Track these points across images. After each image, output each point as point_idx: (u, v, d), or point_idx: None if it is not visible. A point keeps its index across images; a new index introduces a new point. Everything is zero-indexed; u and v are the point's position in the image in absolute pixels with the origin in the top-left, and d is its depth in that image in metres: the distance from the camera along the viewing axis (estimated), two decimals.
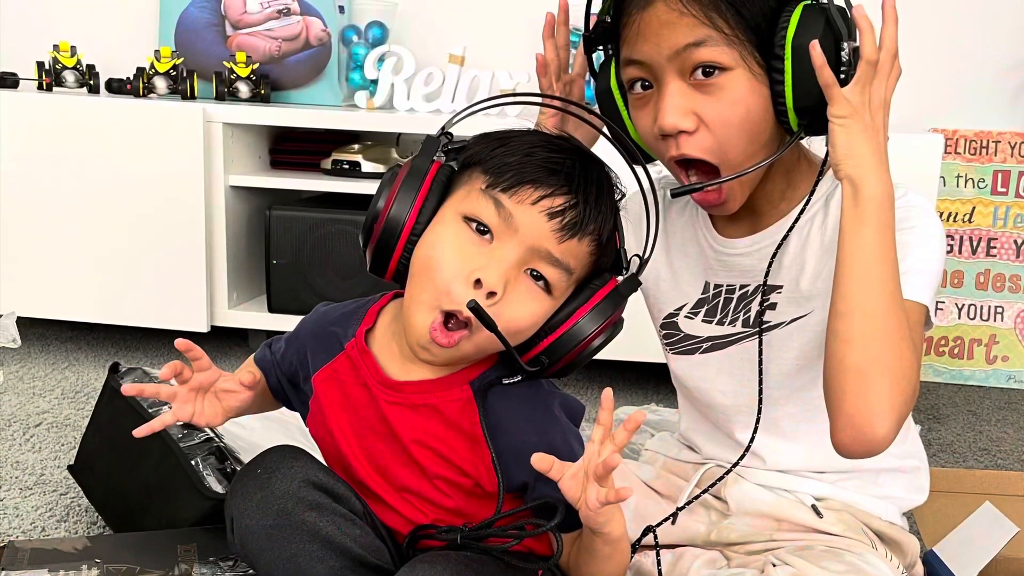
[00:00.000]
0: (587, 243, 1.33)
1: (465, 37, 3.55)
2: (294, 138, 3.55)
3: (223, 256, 3.25)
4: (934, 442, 2.85)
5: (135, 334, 3.54)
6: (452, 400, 1.39)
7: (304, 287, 3.22)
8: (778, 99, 1.40)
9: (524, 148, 1.33)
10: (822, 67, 1.33)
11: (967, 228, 3.44)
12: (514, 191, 1.29)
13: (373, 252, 1.37)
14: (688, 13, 1.37)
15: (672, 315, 1.70)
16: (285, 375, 1.55)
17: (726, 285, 1.62)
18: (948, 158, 3.42)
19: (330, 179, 3.32)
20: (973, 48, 3.47)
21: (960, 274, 3.46)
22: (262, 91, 3.47)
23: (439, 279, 1.30)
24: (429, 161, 1.37)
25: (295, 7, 3.65)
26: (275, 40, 3.65)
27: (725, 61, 1.38)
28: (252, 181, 3.30)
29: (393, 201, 1.34)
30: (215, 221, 3.22)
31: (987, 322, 3.47)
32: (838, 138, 1.35)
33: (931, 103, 3.44)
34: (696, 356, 1.67)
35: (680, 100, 1.40)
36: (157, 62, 3.45)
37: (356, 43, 3.52)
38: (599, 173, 1.37)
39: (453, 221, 1.33)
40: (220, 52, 3.65)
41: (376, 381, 1.41)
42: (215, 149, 3.18)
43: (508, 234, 1.30)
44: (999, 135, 3.42)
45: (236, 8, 3.67)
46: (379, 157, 3.38)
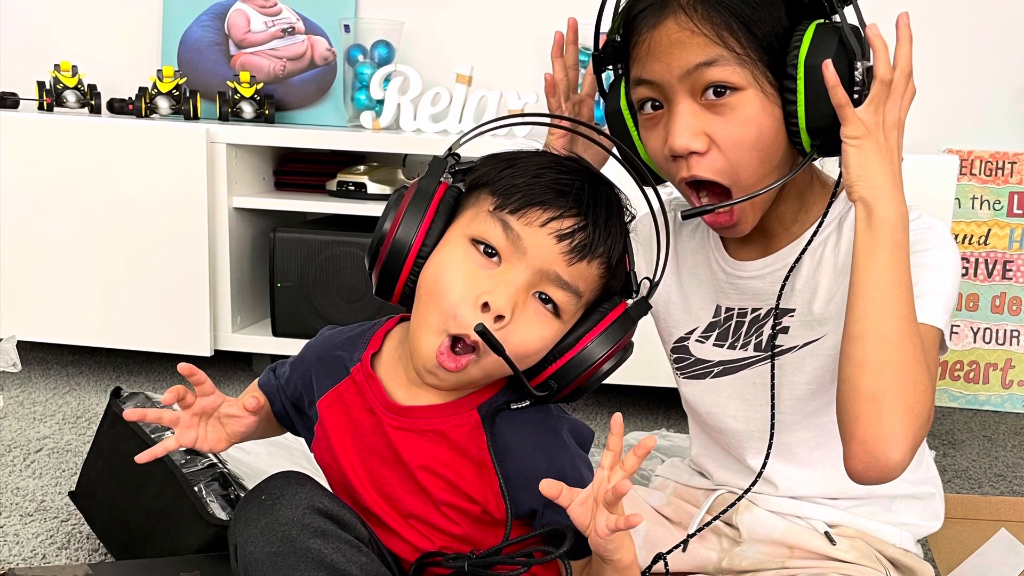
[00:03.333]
0: (596, 266, 1.31)
1: (472, 56, 3.54)
2: (299, 159, 3.53)
3: (227, 279, 3.22)
4: (949, 468, 2.83)
5: (138, 358, 3.52)
6: (459, 425, 1.37)
7: (309, 310, 3.19)
8: (790, 120, 1.38)
9: (532, 169, 1.31)
10: (835, 87, 1.31)
11: (983, 250, 3.41)
12: (522, 213, 1.28)
13: (379, 274, 1.35)
14: (699, 32, 1.36)
15: (683, 339, 1.68)
16: (290, 400, 1.53)
17: (737, 308, 1.61)
18: (963, 179, 3.40)
19: (335, 201, 3.29)
20: (989, 68, 3.45)
21: (976, 297, 3.43)
22: (266, 111, 3.46)
23: (446, 302, 1.28)
24: (436, 182, 1.36)
25: (300, 26, 3.64)
26: (279, 59, 3.65)
27: (736, 81, 1.37)
28: (256, 203, 3.27)
29: (400, 223, 1.32)
30: (218, 243, 3.20)
31: (1003, 346, 3.44)
32: (851, 159, 1.33)
33: (946, 124, 3.41)
34: (707, 381, 1.65)
35: (691, 121, 1.39)
36: (159, 82, 3.45)
37: (362, 62, 3.50)
38: (609, 195, 1.36)
39: (460, 243, 1.31)
40: (224, 72, 3.64)
41: (382, 406, 1.39)
42: (218, 170, 3.15)
43: (516, 257, 1.28)
44: (1015, 156, 3.39)
45: (240, 27, 3.66)
46: (385, 178, 3.35)
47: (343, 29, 3.54)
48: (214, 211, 3.17)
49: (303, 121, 3.65)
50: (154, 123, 3.26)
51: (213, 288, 3.21)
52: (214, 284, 3.22)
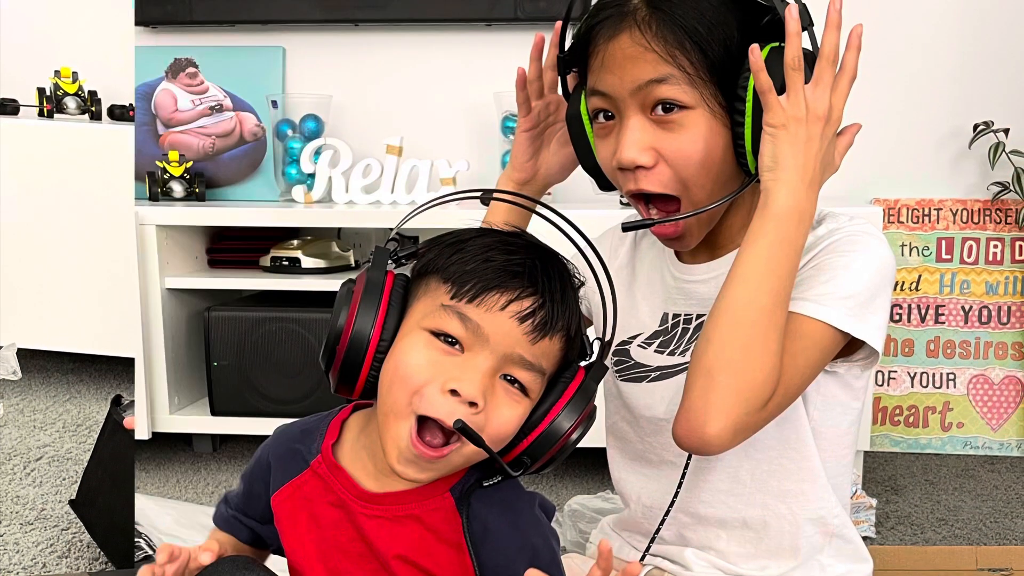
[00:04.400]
0: (558, 340, 1.30)
1: (402, 127, 3.54)
2: (231, 236, 3.50)
3: (162, 361, 3.19)
4: (892, 514, 2.84)
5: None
6: (435, 509, 1.34)
7: (247, 388, 3.16)
8: (738, 141, 1.39)
9: (481, 253, 1.30)
10: (759, 71, 1.31)
11: (914, 296, 3.44)
12: (480, 300, 1.26)
13: (339, 372, 1.32)
14: (651, 49, 1.37)
15: (625, 343, 1.67)
16: (255, 517, 1.49)
17: (683, 315, 1.60)
18: (892, 227, 3.43)
19: (269, 277, 3.27)
20: (912, 118, 3.49)
21: (911, 342, 3.45)
22: (196, 190, 3.45)
23: (412, 386, 1.26)
24: (383, 273, 1.33)
25: (227, 103, 3.63)
26: (208, 137, 3.63)
27: (686, 100, 1.37)
28: (189, 283, 3.25)
29: (354, 319, 1.30)
30: (152, 326, 3.17)
31: (940, 389, 3.46)
32: (765, 147, 1.34)
33: (872, 174, 3.45)
34: (643, 384, 1.63)
35: (639, 135, 1.40)
36: None
37: (291, 137, 3.50)
38: (559, 267, 1.34)
39: (420, 336, 1.29)
40: (152, 151, 3.62)
41: (353, 495, 1.36)
42: (149, 252, 3.13)
43: (479, 345, 1.26)
44: (940, 202, 3.43)
45: (167, 106, 3.64)
46: (319, 252, 3.33)
47: (271, 105, 3.53)
48: (146, 293, 3.15)
49: (235, 197, 3.64)
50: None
51: (149, 370, 3.18)
52: (150, 366, 3.19)
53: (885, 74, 3.44)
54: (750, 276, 1.32)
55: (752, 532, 1.55)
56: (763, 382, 1.30)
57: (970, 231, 3.43)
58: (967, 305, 3.44)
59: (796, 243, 1.34)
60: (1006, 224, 3.41)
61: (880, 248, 1.44)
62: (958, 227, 3.43)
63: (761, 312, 1.31)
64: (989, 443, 3.45)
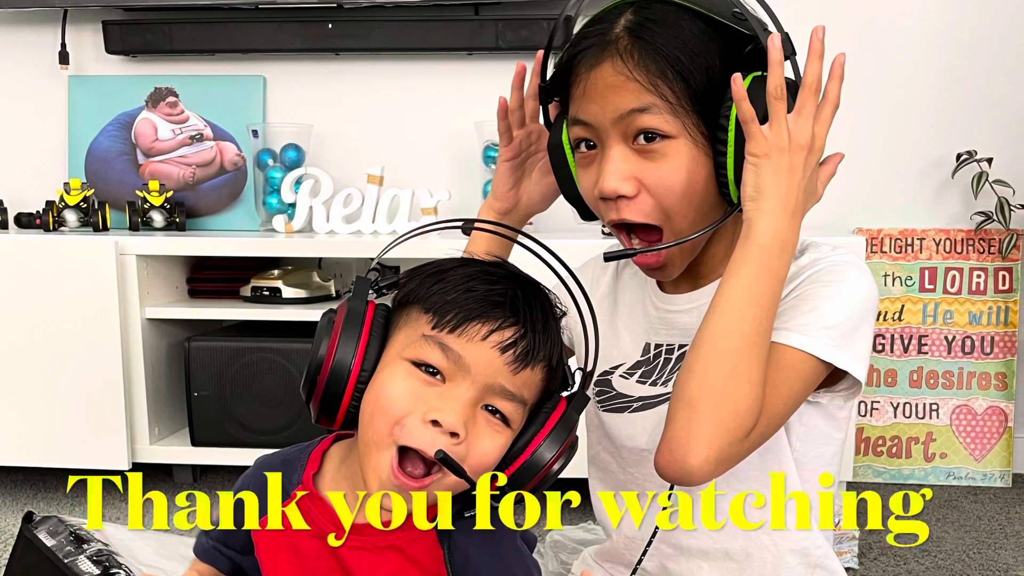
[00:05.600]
0: (539, 370, 1.29)
1: (382, 156, 3.54)
2: (212, 266, 3.49)
3: (142, 390, 3.18)
4: (875, 545, 2.83)
5: (56, 475, 3.44)
6: (416, 540, 1.33)
7: (228, 418, 3.15)
8: (720, 170, 1.38)
9: (462, 283, 1.29)
10: (741, 100, 1.31)
11: (897, 326, 3.44)
12: (461, 330, 1.25)
13: (320, 403, 1.31)
14: (633, 79, 1.36)
15: (607, 373, 1.65)
16: (236, 548, 1.47)
17: (666, 345, 1.59)
18: (875, 257, 3.43)
19: (250, 306, 3.26)
20: (895, 147, 3.50)
21: (893, 373, 3.45)
22: (177, 219, 3.44)
23: (393, 416, 1.25)
24: (364, 303, 1.32)
25: (208, 132, 3.63)
26: (189, 166, 3.63)
27: (668, 129, 1.37)
28: (169, 313, 3.24)
29: (335, 349, 1.29)
30: (132, 356, 3.15)
31: (923, 420, 3.45)
32: (747, 177, 1.33)
33: (855, 204, 3.45)
34: (625, 414, 1.62)
35: (621, 165, 1.39)
36: (67, 195, 3.40)
37: (272, 166, 3.49)
38: (540, 297, 1.33)
39: (401, 365, 1.28)
40: (132, 181, 3.62)
41: (334, 526, 1.35)
42: (130, 282, 3.12)
43: (460, 375, 1.25)
44: (923, 232, 3.43)
45: (147, 136, 3.64)
46: (300, 282, 3.32)
47: (251, 134, 3.53)
48: (127, 323, 3.13)
49: (215, 227, 3.63)
50: (62, 237, 3.23)
51: (129, 400, 3.16)
52: (130, 396, 3.17)
53: (868, 103, 3.45)
54: (732, 306, 1.32)
55: (734, 563, 1.54)
56: (745, 412, 1.29)
57: (953, 261, 3.43)
58: (950, 335, 3.44)
59: (779, 273, 1.33)
60: (989, 254, 3.41)
61: (863, 278, 1.43)
62: (941, 257, 3.43)
63: (743, 342, 1.30)
64: (972, 474, 3.45)
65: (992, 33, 3.43)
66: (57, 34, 3.68)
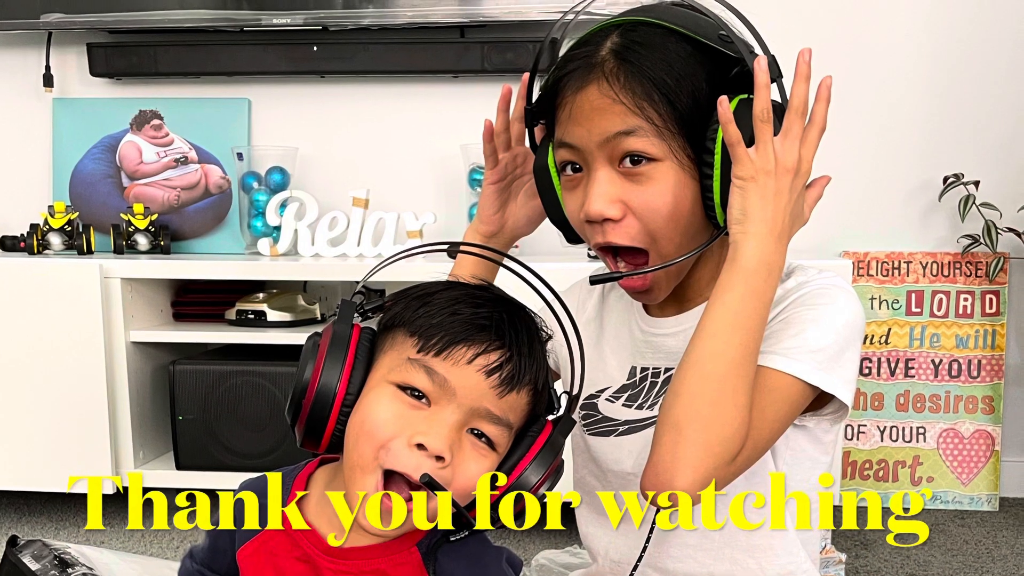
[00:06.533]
0: (525, 394, 1.29)
1: (368, 179, 3.54)
2: (196, 289, 3.48)
3: (127, 414, 3.17)
4: (861, 569, 2.83)
5: (39, 499, 3.43)
6: (401, 563, 1.33)
7: (213, 442, 3.14)
8: (706, 193, 1.38)
9: (447, 306, 1.29)
10: (728, 123, 1.30)
11: (884, 350, 3.44)
12: (447, 353, 1.25)
13: (305, 426, 1.30)
14: (619, 101, 1.36)
15: (593, 396, 1.65)
16: (221, 572, 1.46)
17: (652, 368, 1.59)
18: (861, 280, 3.43)
19: (235, 330, 3.25)
20: (882, 170, 3.51)
21: (880, 396, 3.45)
22: (161, 242, 3.43)
23: (378, 440, 1.24)
24: (350, 326, 1.32)
25: (192, 155, 3.62)
26: (173, 189, 3.62)
27: (654, 152, 1.36)
28: (154, 336, 3.23)
29: (320, 372, 1.28)
30: (117, 379, 3.15)
31: (910, 443, 3.45)
32: (734, 200, 1.33)
33: (842, 227, 3.46)
34: (611, 438, 1.62)
35: (607, 188, 1.39)
36: (51, 217, 3.40)
37: (257, 189, 3.48)
38: (526, 321, 1.33)
39: (386, 389, 1.27)
40: (117, 204, 3.61)
41: (320, 550, 1.34)
42: (114, 305, 3.11)
43: (446, 398, 1.25)
44: (910, 255, 3.44)
45: (132, 159, 3.63)
46: (285, 305, 3.31)
47: (236, 157, 3.52)
48: (111, 347, 3.12)
49: (200, 250, 3.62)
50: (47, 260, 3.22)
51: (114, 424, 3.15)
52: (114, 420, 3.16)
53: (854, 126, 3.46)
54: (719, 329, 1.31)
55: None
56: (732, 436, 1.29)
57: (940, 284, 3.44)
58: (937, 359, 3.44)
59: (765, 296, 1.33)
60: (976, 277, 3.41)
61: (849, 301, 1.43)
62: (928, 280, 3.43)
63: (730, 366, 1.30)
64: (959, 497, 3.45)
65: (979, 56, 3.44)
66: (41, 56, 3.67)
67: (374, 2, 3.42)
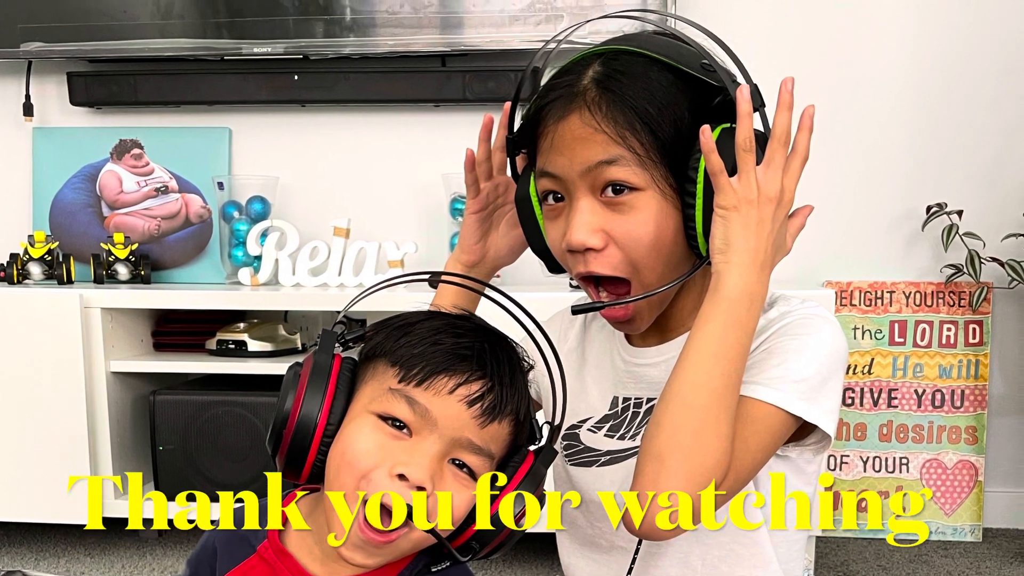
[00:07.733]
0: (507, 424, 1.28)
1: (349, 209, 3.54)
2: (177, 319, 3.47)
3: (107, 444, 3.15)
4: None
5: (19, 529, 3.42)
6: None
7: (193, 472, 3.12)
8: (688, 223, 1.37)
9: (429, 336, 1.28)
10: (710, 152, 1.30)
11: (867, 380, 3.43)
12: (428, 383, 1.24)
13: (285, 457, 1.29)
14: (601, 130, 1.35)
15: (575, 427, 1.64)
16: None
17: (634, 398, 1.58)
18: (844, 310, 3.43)
19: (215, 360, 3.24)
20: (865, 200, 3.52)
21: (863, 426, 3.45)
22: (142, 272, 3.43)
23: (359, 471, 1.23)
24: (331, 356, 1.31)
25: (173, 185, 3.61)
26: (154, 219, 3.61)
27: (636, 182, 1.36)
28: (134, 366, 3.22)
29: (301, 403, 1.27)
30: (97, 409, 3.13)
31: (892, 474, 3.45)
32: (716, 229, 1.32)
33: (824, 257, 3.47)
34: (593, 468, 1.61)
35: (589, 217, 1.38)
36: (31, 247, 3.39)
37: (237, 219, 3.48)
38: (508, 351, 1.32)
39: (368, 419, 1.26)
40: (97, 233, 3.60)
41: None
42: (94, 335, 3.11)
43: (427, 429, 1.24)
44: (893, 285, 3.44)
45: (112, 188, 3.62)
46: (266, 335, 3.30)
47: (217, 186, 3.52)
48: (91, 377, 3.11)
49: (180, 279, 3.61)
50: (26, 290, 3.21)
51: (94, 454, 3.14)
52: (95, 450, 3.14)
53: (837, 156, 3.47)
54: (701, 359, 1.30)
55: None
56: (714, 466, 1.28)
57: (923, 314, 3.44)
58: (920, 389, 3.44)
59: (747, 326, 1.32)
60: (959, 307, 3.42)
61: (832, 331, 1.42)
62: (911, 310, 3.44)
63: (712, 396, 1.29)
64: (943, 528, 3.44)
65: (962, 86, 3.46)
66: (21, 85, 3.67)
67: (355, 31, 3.42)
